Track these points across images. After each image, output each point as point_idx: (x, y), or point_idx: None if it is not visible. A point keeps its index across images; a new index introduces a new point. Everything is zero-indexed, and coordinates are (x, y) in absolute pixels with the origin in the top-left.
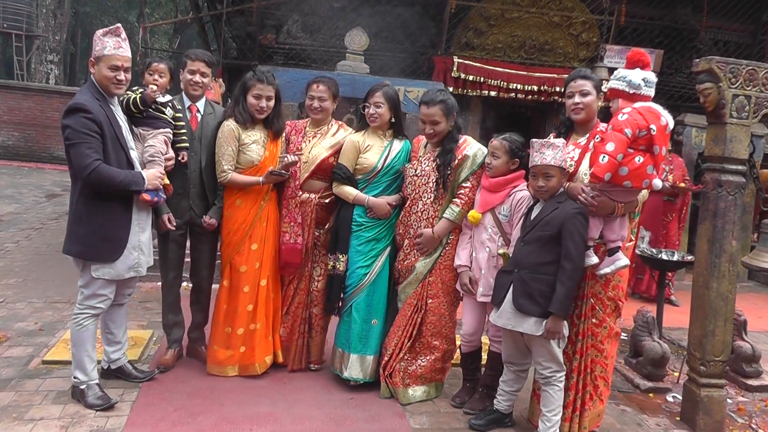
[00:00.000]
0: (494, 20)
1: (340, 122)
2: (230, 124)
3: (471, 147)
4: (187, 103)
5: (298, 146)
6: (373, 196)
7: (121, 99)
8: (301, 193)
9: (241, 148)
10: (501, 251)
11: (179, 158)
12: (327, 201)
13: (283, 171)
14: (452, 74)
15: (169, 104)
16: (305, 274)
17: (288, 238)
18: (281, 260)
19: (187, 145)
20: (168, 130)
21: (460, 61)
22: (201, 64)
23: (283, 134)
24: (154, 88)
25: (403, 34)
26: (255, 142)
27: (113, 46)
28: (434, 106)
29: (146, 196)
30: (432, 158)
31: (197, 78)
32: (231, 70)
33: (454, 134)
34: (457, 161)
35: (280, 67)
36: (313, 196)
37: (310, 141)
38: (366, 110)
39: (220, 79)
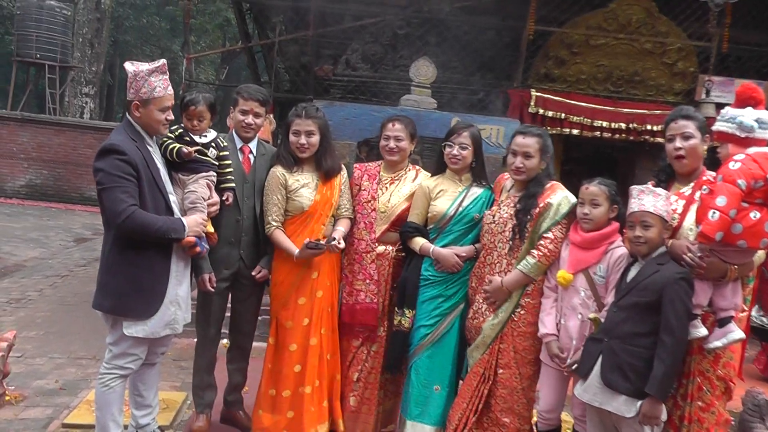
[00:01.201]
0: (577, 48)
1: (417, 167)
2: (276, 171)
3: (556, 195)
4: (239, 144)
5: (374, 194)
6: (443, 246)
7: (159, 141)
8: (377, 245)
9: (289, 195)
10: (592, 316)
11: (224, 199)
12: (404, 254)
13: (321, 244)
14: (529, 109)
15: (213, 144)
16: (380, 335)
17: (363, 297)
18: (356, 322)
19: (233, 184)
20: (211, 173)
21: (539, 94)
22: (255, 104)
23: (341, 176)
24: (191, 151)
25: (475, 65)
26: (305, 185)
27: (163, 86)
28: (532, 137)
29: (191, 239)
30: (513, 204)
31: (250, 119)
32: (283, 105)
33: (542, 178)
34: (538, 209)
35: (338, 101)
36: (390, 248)
37: (386, 188)
38: (447, 150)
39: (271, 116)
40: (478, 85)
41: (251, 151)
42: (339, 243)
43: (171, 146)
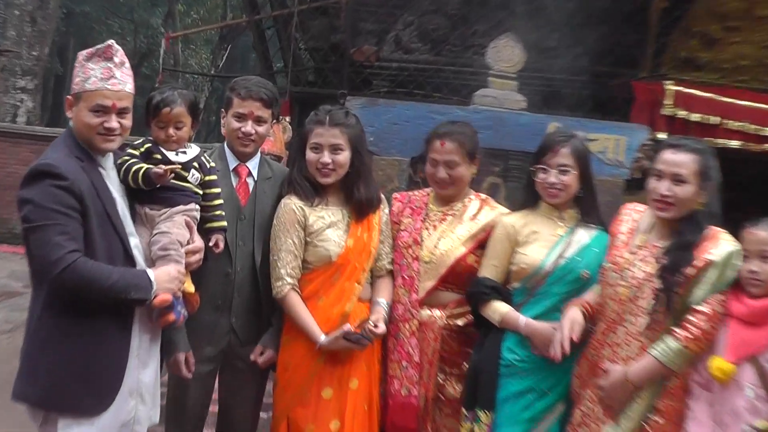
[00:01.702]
0: (735, 20)
1: (482, 195)
2: (291, 203)
3: (720, 248)
4: (233, 163)
5: (417, 236)
6: (536, 316)
7: (117, 161)
8: (420, 309)
9: (309, 238)
10: (760, 424)
11: (211, 245)
12: (461, 323)
13: (363, 339)
14: (663, 110)
15: (195, 164)
16: None
17: (398, 387)
18: (388, 422)
19: (224, 224)
20: (192, 206)
21: (678, 88)
22: (255, 105)
23: (381, 213)
24: (167, 170)
25: (582, 46)
26: (332, 225)
27: (100, 75)
28: (687, 153)
29: (165, 298)
30: (654, 255)
31: (249, 127)
32: (304, 104)
33: (701, 219)
34: (694, 268)
35: (383, 98)
36: (438, 314)
37: (435, 228)
38: (540, 176)
39: (286, 119)
40: (587, 75)
41: (250, 173)
42: (377, 328)
43: (135, 167)
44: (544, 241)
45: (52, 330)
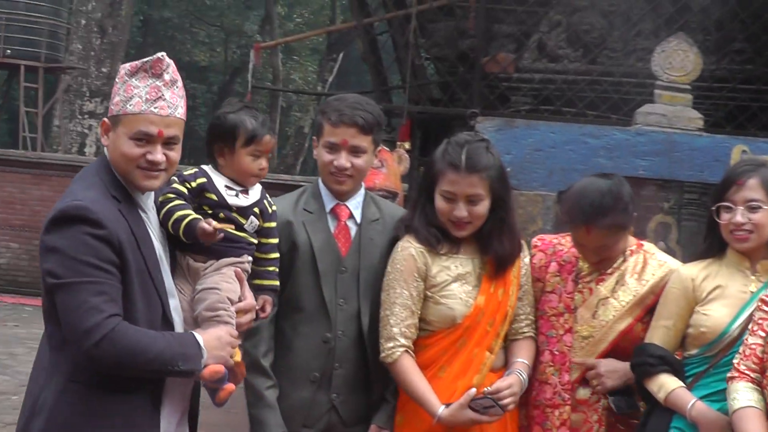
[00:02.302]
0: None
1: (645, 245)
2: (411, 248)
3: None
4: (330, 202)
5: (568, 302)
6: (714, 393)
7: (159, 198)
8: (576, 389)
9: (430, 292)
10: None
11: (258, 310)
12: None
13: (494, 406)
14: None
15: (255, 210)
16: None
17: None
18: None
19: (276, 283)
20: (245, 258)
21: None
22: (350, 132)
23: (521, 263)
24: (210, 229)
25: None
26: (459, 278)
27: (146, 95)
28: None
29: (215, 369)
30: None
31: (342, 161)
32: (427, 127)
33: None
34: None
35: (522, 119)
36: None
37: (591, 291)
38: (723, 216)
39: (405, 146)
40: None
41: (351, 215)
42: (508, 402)
43: (177, 213)
44: (731, 299)
45: (77, 409)
